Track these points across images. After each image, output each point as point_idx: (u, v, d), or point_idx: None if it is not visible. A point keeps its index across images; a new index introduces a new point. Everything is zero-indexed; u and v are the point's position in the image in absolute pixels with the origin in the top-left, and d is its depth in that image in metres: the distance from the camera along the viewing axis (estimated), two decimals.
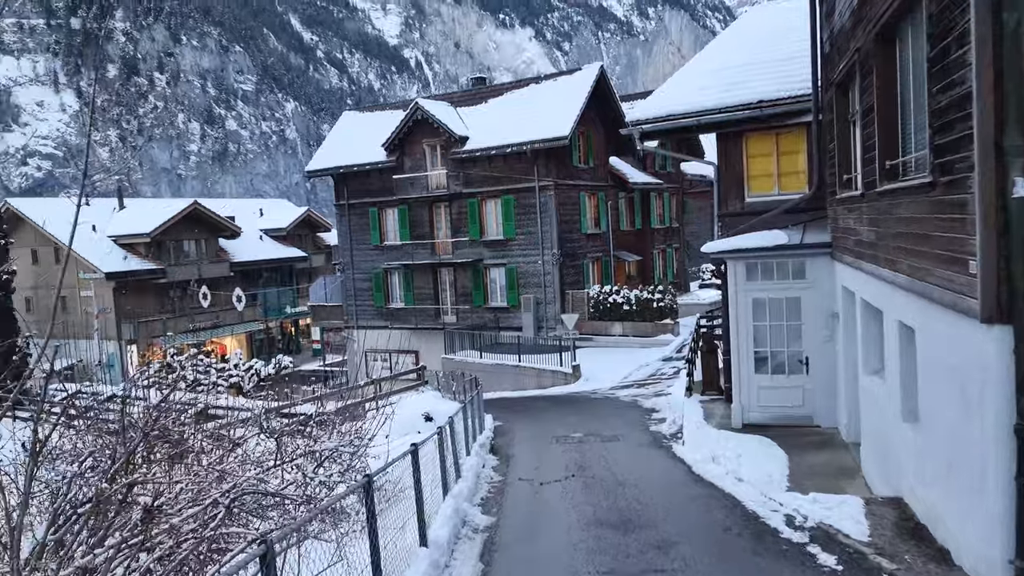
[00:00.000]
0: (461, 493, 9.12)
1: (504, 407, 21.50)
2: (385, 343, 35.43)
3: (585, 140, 33.65)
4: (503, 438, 15.36)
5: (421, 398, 20.34)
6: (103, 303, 41.33)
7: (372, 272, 35.89)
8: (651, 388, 22.12)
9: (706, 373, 15.34)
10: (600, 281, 33.69)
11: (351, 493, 5.65)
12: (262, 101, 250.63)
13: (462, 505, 8.79)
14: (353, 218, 36.26)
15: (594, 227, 34.29)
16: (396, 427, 18.28)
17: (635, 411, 18.07)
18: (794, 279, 12.42)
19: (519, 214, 31.95)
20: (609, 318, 30.57)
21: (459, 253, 33.36)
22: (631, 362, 26.85)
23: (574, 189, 32.71)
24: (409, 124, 33.39)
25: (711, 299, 36.65)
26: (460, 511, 8.56)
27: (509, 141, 31.32)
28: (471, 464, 10.93)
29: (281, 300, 50.83)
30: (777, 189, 14.05)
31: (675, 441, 13.57)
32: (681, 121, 14.20)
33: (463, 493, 9.19)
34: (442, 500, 8.48)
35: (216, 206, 50.17)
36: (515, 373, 27.12)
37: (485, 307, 33.14)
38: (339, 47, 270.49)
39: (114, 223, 44.72)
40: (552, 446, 13.85)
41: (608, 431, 15.08)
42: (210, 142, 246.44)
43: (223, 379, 27.65)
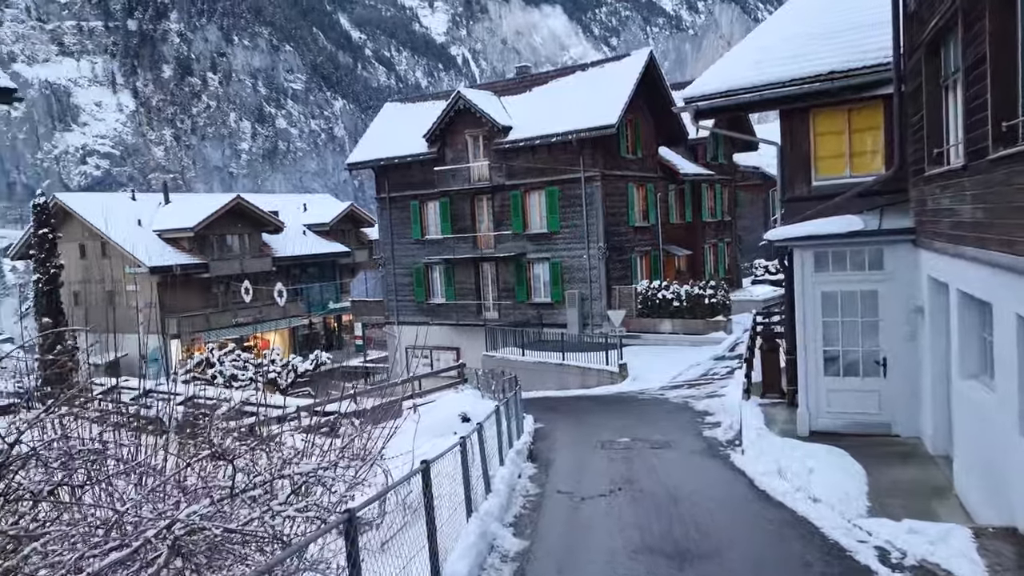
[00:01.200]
0: (490, 512, 8.01)
1: (546, 407, 20.37)
2: (426, 339, 34.58)
3: (633, 129, 32.27)
4: (543, 442, 14.23)
5: (459, 397, 19.33)
6: (147, 298, 41.31)
7: (413, 267, 35.05)
8: (703, 389, 20.76)
9: (766, 374, 13.99)
10: (648, 276, 32.32)
11: (322, 535, 4.47)
12: (311, 100, 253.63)
13: (490, 527, 7.69)
14: (394, 211, 35.47)
15: (642, 220, 32.91)
16: (431, 428, 17.30)
17: (686, 414, 16.79)
18: (870, 270, 11.05)
19: (564, 206, 30.76)
20: (658, 315, 29.21)
21: (501, 247, 32.30)
22: (681, 361, 25.51)
23: (621, 180, 31.38)
24: (451, 114, 32.43)
25: (765, 295, 35.03)
26: (487, 534, 7.47)
27: (554, 130, 30.13)
28: (504, 475, 9.80)
29: (324, 295, 50.46)
30: (848, 170, 12.64)
31: (733, 449, 12.28)
32: (741, 97, 12.87)
33: (492, 512, 8.07)
34: (466, 520, 7.38)
35: (260, 201, 49.95)
36: (559, 372, 25.96)
37: (528, 303, 32.03)
38: (387, 45, 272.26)
39: (159, 218, 44.76)
40: (596, 453, 12.68)
41: (658, 436, 13.84)
42: (260, 140, 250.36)
43: (260, 375, 27.06)
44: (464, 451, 7.26)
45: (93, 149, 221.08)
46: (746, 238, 47.05)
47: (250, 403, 21.73)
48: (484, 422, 8.84)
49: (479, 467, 8.43)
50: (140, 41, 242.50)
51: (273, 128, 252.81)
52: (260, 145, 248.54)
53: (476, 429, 8.30)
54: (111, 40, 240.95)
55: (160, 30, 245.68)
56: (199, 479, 5.29)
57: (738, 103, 13.07)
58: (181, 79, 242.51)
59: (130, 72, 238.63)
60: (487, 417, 9.14)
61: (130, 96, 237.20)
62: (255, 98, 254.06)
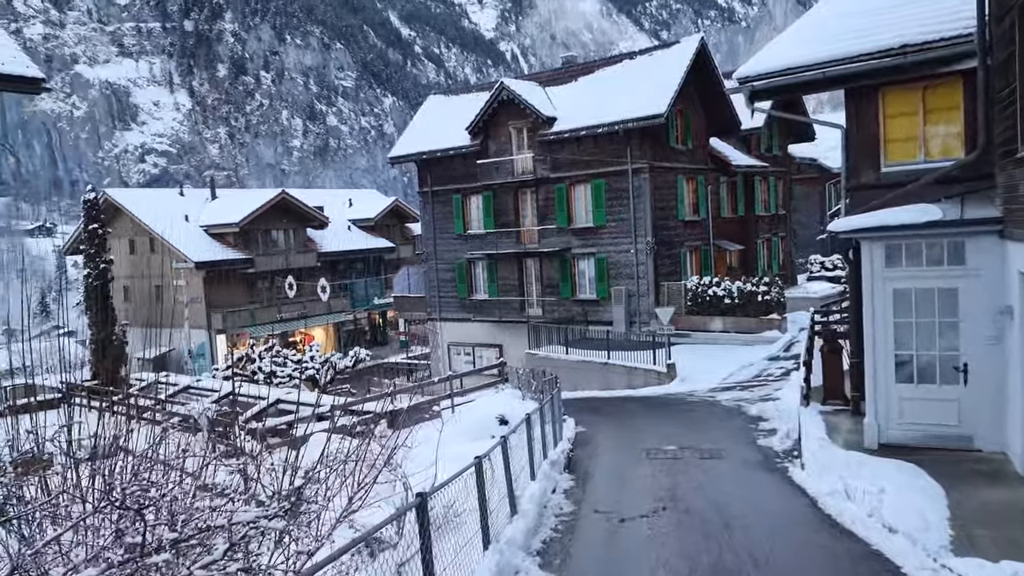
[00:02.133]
0: (513, 540, 7.12)
1: (589, 409, 19.44)
2: (468, 336, 33.91)
3: (683, 119, 31.02)
4: (583, 449, 13.30)
5: (498, 398, 18.53)
6: (193, 293, 41.48)
7: (455, 262, 34.35)
8: (756, 392, 19.57)
9: (828, 378, 12.83)
10: (698, 272, 31.06)
11: None
12: (361, 97, 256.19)
13: (512, 559, 6.81)
14: (436, 206, 34.81)
15: (692, 213, 31.63)
16: (467, 430, 16.52)
17: (739, 419, 15.68)
18: (949, 264, 9.86)
19: (610, 199, 29.69)
20: (708, 312, 27.97)
21: (545, 242, 31.38)
22: (732, 361, 24.31)
23: (671, 172, 30.17)
24: (494, 105, 31.59)
25: (823, 292, 33.46)
26: (507, 568, 6.59)
27: (600, 121, 29.08)
28: (534, 493, 8.87)
29: (368, 291, 50.18)
30: (922, 155, 11.42)
31: (791, 461, 11.19)
32: (801, 75, 11.73)
33: (516, 539, 7.19)
34: (483, 551, 6.51)
35: (305, 196, 49.93)
36: (603, 371, 24.96)
37: (572, 299, 31.05)
38: (436, 42, 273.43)
39: (206, 213, 44.95)
40: (640, 463, 11.71)
41: (708, 444, 12.81)
42: (312, 138, 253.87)
43: (299, 372, 26.66)
44: (481, 475, 6.38)
45: (151, 147, 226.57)
46: (801, 233, 45.29)
47: (285, 401, 21.30)
48: (511, 433, 7.93)
49: (505, 482, 7.53)
50: (196, 41, 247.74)
51: (324, 125, 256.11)
52: (311, 142, 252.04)
53: (501, 443, 7.40)
54: (168, 41, 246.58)
55: (215, 30, 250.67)
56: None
57: (798, 82, 11.93)
58: (235, 78, 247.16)
59: (186, 72, 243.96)
60: (514, 429, 8.21)
61: (186, 95, 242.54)
62: (306, 96, 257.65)
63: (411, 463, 9.95)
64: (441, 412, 20.93)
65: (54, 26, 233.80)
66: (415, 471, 9.40)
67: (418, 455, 11.29)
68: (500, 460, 7.58)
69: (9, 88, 14.97)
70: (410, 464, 9.95)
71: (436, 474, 8.07)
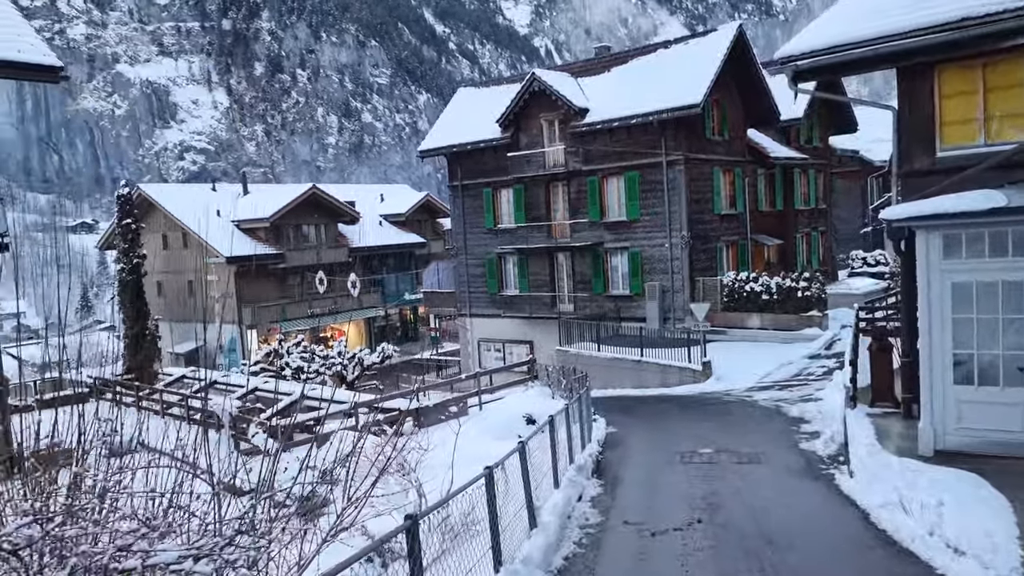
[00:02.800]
0: (530, 557, 6.48)
1: (621, 408, 18.75)
2: (498, 332, 33.34)
3: (720, 109, 30.07)
4: (613, 451, 12.62)
5: (526, 396, 17.95)
6: (225, 288, 41.49)
7: (485, 257, 33.78)
8: (796, 391, 18.72)
9: (876, 378, 11.99)
10: (735, 267, 30.11)
11: None
12: (396, 94, 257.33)
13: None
14: (467, 200, 34.28)
15: (729, 207, 30.68)
16: (493, 429, 15.94)
17: (778, 420, 14.88)
18: (1015, 255, 9.01)
19: (644, 192, 28.88)
20: (745, 309, 27.06)
21: (577, 236, 30.67)
22: (771, 359, 23.43)
23: (706, 164, 29.26)
24: (525, 97, 30.95)
25: (865, 288, 32.28)
26: None
27: (634, 111, 28.28)
28: (557, 503, 8.19)
29: (399, 286, 49.87)
30: (982, 138, 10.53)
31: (837, 468, 10.41)
32: (850, 53, 10.90)
33: (533, 557, 6.54)
34: (494, 574, 5.89)
35: (336, 191, 49.75)
36: (636, 369, 24.22)
37: (605, 295, 30.30)
38: (470, 38, 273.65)
39: (238, 208, 44.94)
40: (674, 467, 11.01)
41: (746, 447, 12.06)
42: (347, 135, 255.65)
43: (325, 368, 26.31)
44: (492, 487, 5.73)
45: (190, 145, 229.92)
46: (841, 228, 43.97)
47: (309, 398, 20.91)
48: (533, 436, 7.27)
49: (523, 491, 6.90)
50: (234, 40, 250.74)
51: (359, 122, 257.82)
52: (346, 139, 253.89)
53: (519, 449, 6.76)
54: (207, 40, 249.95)
55: (252, 29, 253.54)
56: None
57: (845, 60, 11.10)
58: (272, 76, 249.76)
59: (224, 70, 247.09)
60: (534, 432, 7.54)
61: (224, 93, 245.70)
62: (342, 93, 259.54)
63: (427, 466, 9.39)
64: (468, 409, 20.40)
65: (96, 26, 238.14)
66: (435, 473, 8.83)
67: (439, 456, 10.73)
68: (520, 466, 6.94)
69: (27, 76, 14.73)
70: (425, 468, 9.38)
71: (452, 480, 7.49)
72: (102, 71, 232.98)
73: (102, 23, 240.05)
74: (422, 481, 8.70)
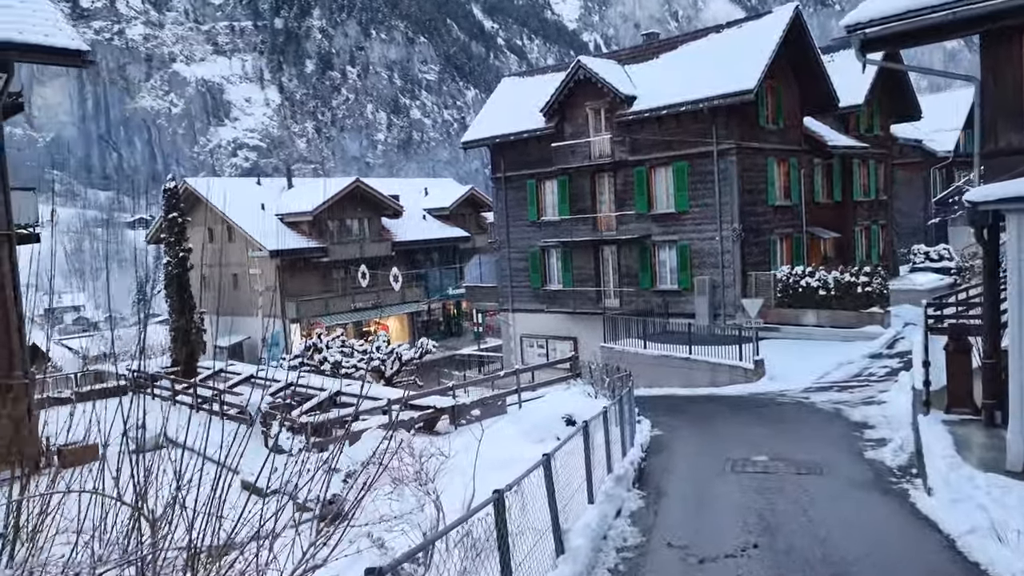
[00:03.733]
0: None
1: (668, 409, 17.73)
2: (541, 328, 32.46)
3: (774, 96, 28.67)
4: (657, 457, 11.64)
5: (566, 395, 17.04)
6: (268, 281, 41.43)
7: (528, 251, 32.91)
8: (857, 393, 17.46)
9: (952, 381, 10.79)
10: (789, 261, 28.72)
11: None
12: (444, 90, 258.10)
13: None
14: (510, 192, 33.43)
15: (784, 198, 29.27)
16: (530, 431, 15.07)
17: (839, 425, 13.72)
18: None
19: (694, 183, 27.68)
20: (801, 304, 25.71)
21: (624, 229, 29.59)
22: (828, 359, 22.13)
23: (760, 153, 27.91)
24: (570, 85, 29.95)
25: (930, 284, 30.52)
26: None
27: (683, 99, 27.10)
28: (590, 523, 7.20)
29: (443, 281, 49.34)
30: None
31: (910, 482, 9.30)
32: (926, 17, 9.74)
33: None
34: None
35: (380, 185, 49.43)
36: (685, 367, 23.12)
37: (652, 290, 29.19)
38: (519, 34, 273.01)
39: (282, 202, 44.91)
40: (725, 477, 9.99)
41: (804, 455, 10.98)
42: (396, 131, 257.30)
43: (364, 363, 25.76)
44: (502, 513, 4.81)
45: (243, 142, 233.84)
46: (902, 222, 41.97)
47: (344, 393, 20.33)
48: (557, 451, 6.35)
49: (549, 507, 6.01)
50: (285, 38, 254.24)
51: (408, 119, 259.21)
52: (395, 136, 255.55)
53: (543, 462, 5.84)
54: (259, 38, 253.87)
55: (304, 27, 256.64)
56: None
57: (920, 27, 9.94)
58: (322, 73, 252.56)
59: (276, 68, 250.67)
60: (567, 439, 6.61)
61: (276, 91, 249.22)
62: (391, 90, 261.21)
63: (453, 470, 8.57)
64: (507, 408, 19.61)
65: (154, 26, 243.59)
66: (465, 477, 8.01)
67: (471, 458, 9.88)
68: (545, 482, 6.04)
69: (54, 61, 14.34)
70: (452, 472, 8.57)
71: (472, 493, 6.65)
72: (159, 70, 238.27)
73: (159, 23, 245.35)
74: (445, 490, 7.89)
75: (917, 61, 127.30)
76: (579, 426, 7.68)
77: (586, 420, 8.02)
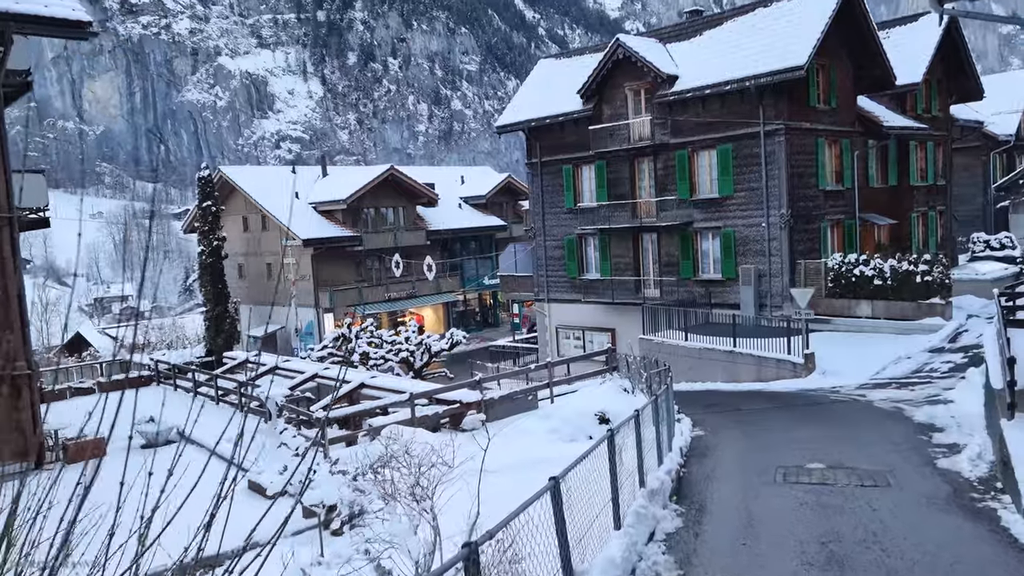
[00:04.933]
0: None
1: (710, 406, 16.48)
2: (578, 319, 31.29)
3: (826, 74, 27.00)
4: (699, 464, 10.42)
5: (601, 390, 15.89)
6: (302, 270, 40.90)
7: (564, 239, 31.70)
8: (919, 391, 16.01)
9: None
10: (841, 249, 27.09)
11: None
12: (485, 80, 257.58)
13: None
14: (545, 178, 32.25)
15: (835, 182, 27.61)
16: (560, 428, 13.98)
17: (902, 426, 12.36)
18: None
19: (739, 166, 26.21)
20: (854, 295, 24.14)
21: (664, 215, 28.23)
22: (885, 353, 20.69)
23: (810, 135, 26.30)
24: (608, 65, 28.62)
25: (994, 274, 28.59)
26: None
27: (728, 77, 25.62)
28: (614, 557, 5.83)
29: (479, 270, 48.37)
30: None
31: (995, 499, 7.97)
32: None
33: None
34: None
35: (416, 173, 48.64)
36: (728, 361, 21.79)
37: (694, 279, 27.80)
38: (560, 23, 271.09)
39: (316, 191, 44.35)
40: (776, 490, 8.74)
41: (867, 462, 9.69)
42: (437, 122, 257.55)
43: (392, 354, 24.88)
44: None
45: (286, 134, 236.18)
46: (960, 209, 39.77)
47: (368, 386, 19.46)
48: (568, 473, 5.18)
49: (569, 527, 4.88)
50: (328, 30, 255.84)
51: (448, 110, 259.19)
52: (436, 127, 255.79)
53: (550, 488, 4.69)
54: (302, 31, 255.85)
55: (346, 19, 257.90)
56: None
57: None
58: (364, 65, 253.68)
59: (319, 60, 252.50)
60: (575, 462, 5.42)
61: (319, 83, 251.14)
62: (432, 81, 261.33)
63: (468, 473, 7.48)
64: (539, 403, 18.54)
65: (200, 20, 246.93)
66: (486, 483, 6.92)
67: (501, 458, 8.88)
68: (554, 513, 4.91)
69: (53, 32, 13.56)
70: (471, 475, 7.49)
71: (476, 515, 5.57)
72: (204, 64, 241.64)
73: (205, 17, 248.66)
74: (449, 505, 6.82)
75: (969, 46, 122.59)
76: (601, 436, 6.47)
77: (611, 429, 6.82)
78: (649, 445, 8.52)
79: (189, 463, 3.98)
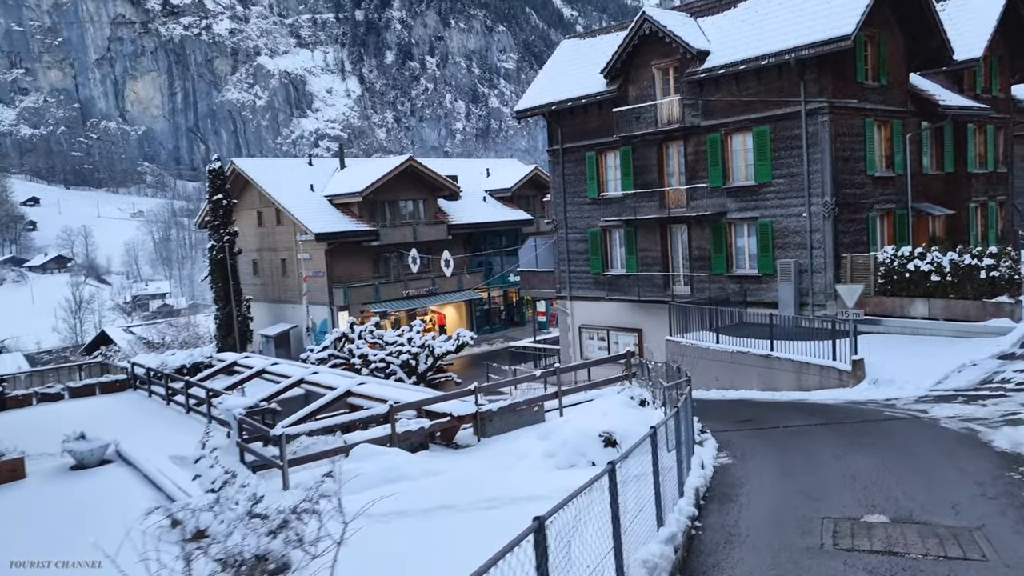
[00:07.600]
0: None
1: (742, 421, 14.10)
2: (602, 318, 28.94)
3: (875, 47, 24.27)
4: (718, 514, 8.02)
5: (611, 403, 13.59)
6: (316, 266, 39.13)
7: (588, 231, 29.36)
8: (992, 406, 13.43)
9: None
10: (892, 242, 24.36)
11: None
12: (522, 78, 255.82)
13: None
14: (567, 166, 29.95)
15: (885, 168, 24.87)
16: (557, 451, 11.75)
17: (981, 456, 9.88)
18: None
19: (777, 150, 23.65)
20: (907, 292, 21.45)
21: (695, 205, 25.75)
22: (945, 359, 18.04)
23: (857, 114, 23.61)
24: (634, 42, 26.23)
25: None
26: None
27: (765, 51, 23.08)
28: None
29: (504, 267, 46.18)
30: None
31: None
32: None
33: None
34: None
35: (438, 165, 46.67)
36: (765, 366, 19.33)
37: (728, 275, 25.28)
38: (598, 20, 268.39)
39: (332, 183, 42.64)
40: (822, 563, 6.25)
41: (946, 515, 7.29)
42: (474, 120, 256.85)
43: (394, 356, 22.81)
44: None
45: (324, 132, 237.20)
46: (1022, 199, 36.49)
47: (355, 394, 17.39)
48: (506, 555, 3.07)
49: None
50: (366, 30, 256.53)
51: (486, 107, 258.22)
52: (473, 124, 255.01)
53: None
54: (341, 30, 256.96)
55: (384, 18, 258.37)
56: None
57: None
58: (402, 64, 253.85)
59: (357, 59, 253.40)
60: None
61: (357, 82, 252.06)
62: (469, 79, 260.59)
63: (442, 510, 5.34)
64: (544, 415, 16.28)
65: (239, 21, 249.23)
66: None
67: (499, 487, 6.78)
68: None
69: None
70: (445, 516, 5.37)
71: None
72: (244, 63, 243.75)
73: (244, 18, 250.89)
74: None
75: None
76: (605, 468, 4.22)
77: (612, 464, 4.57)
78: (648, 495, 6.22)
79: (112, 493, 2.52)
